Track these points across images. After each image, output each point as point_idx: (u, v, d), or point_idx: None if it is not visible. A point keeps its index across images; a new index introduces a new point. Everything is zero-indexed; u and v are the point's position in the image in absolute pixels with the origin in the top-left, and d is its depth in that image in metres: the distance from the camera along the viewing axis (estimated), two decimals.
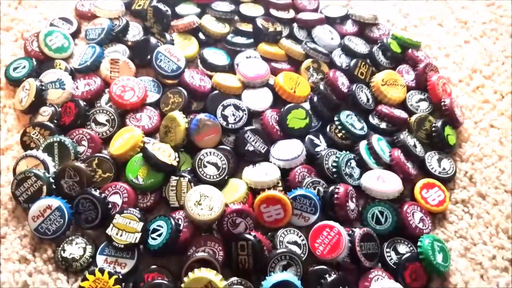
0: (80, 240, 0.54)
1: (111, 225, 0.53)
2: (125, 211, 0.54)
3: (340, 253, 0.54)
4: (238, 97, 0.66)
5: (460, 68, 0.76)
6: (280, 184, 0.60)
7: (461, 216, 0.62)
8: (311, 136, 0.64)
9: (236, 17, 0.75)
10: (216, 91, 0.66)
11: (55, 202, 0.54)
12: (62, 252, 0.53)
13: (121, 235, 0.53)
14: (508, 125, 0.69)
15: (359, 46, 0.73)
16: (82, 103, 0.62)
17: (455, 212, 0.62)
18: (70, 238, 0.54)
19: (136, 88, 0.63)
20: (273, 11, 0.75)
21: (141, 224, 0.53)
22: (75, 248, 0.53)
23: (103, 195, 0.55)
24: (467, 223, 0.61)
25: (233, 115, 0.63)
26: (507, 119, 0.70)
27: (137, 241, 0.53)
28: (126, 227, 0.53)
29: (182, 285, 0.50)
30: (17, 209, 0.56)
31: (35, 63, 0.66)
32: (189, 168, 0.60)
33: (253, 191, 0.59)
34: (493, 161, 0.66)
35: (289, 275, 0.51)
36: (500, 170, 0.65)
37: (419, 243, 0.56)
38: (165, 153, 0.58)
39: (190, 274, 0.50)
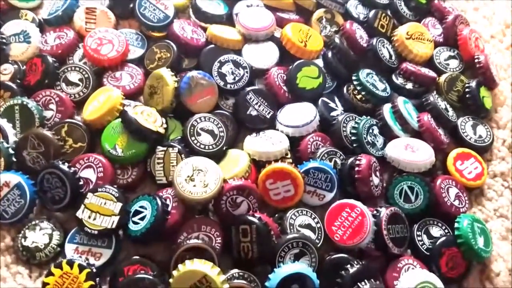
0: (45, 225, 0.50)
1: (82, 206, 0.48)
2: (99, 189, 0.49)
3: (364, 239, 0.48)
4: (238, 52, 0.61)
5: (491, 23, 0.71)
6: (289, 156, 0.54)
7: (500, 191, 0.57)
8: (325, 99, 0.59)
9: None
10: (212, 45, 0.60)
11: (14, 178, 0.50)
12: (23, 240, 0.48)
13: (94, 219, 0.48)
14: None
15: None
16: (50, 59, 0.58)
17: (494, 187, 0.58)
18: (33, 223, 0.49)
19: (115, 41, 0.58)
20: None
21: (120, 205, 0.48)
22: (39, 235, 0.49)
23: (73, 169, 0.50)
24: (508, 199, 0.56)
25: (232, 73, 0.59)
26: None
27: (114, 226, 0.48)
28: (100, 209, 0.48)
29: (171, 280, 0.43)
30: None
31: None
32: (179, 137, 0.55)
33: (257, 164, 0.54)
34: None
35: (302, 266, 0.46)
36: None
37: (456, 225, 0.51)
38: (149, 118, 0.53)
39: (180, 266, 0.44)
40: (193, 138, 0.52)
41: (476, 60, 0.63)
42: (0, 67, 0.58)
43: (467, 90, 0.61)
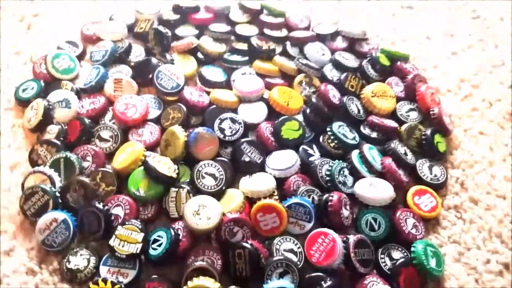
0: (84, 252, 0.55)
1: (114, 236, 0.55)
2: (127, 223, 0.55)
3: (335, 260, 0.55)
4: (235, 111, 0.68)
5: (448, 78, 0.78)
6: (276, 193, 0.61)
7: (454, 221, 0.63)
8: (305, 146, 0.66)
9: (232, 37, 0.78)
10: (214, 106, 0.68)
11: (60, 215, 0.56)
12: (67, 263, 0.54)
13: (123, 246, 0.54)
14: (497, 132, 0.70)
15: (349, 60, 0.76)
16: (87, 120, 0.65)
17: (448, 217, 0.63)
18: (75, 250, 0.55)
19: (138, 105, 0.66)
20: (267, 31, 0.78)
21: (142, 234, 0.54)
22: (80, 259, 0.54)
23: (106, 207, 0.57)
24: (460, 228, 0.62)
25: (230, 127, 0.66)
26: (496, 126, 0.71)
27: (138, 251, 0.54)
28: (128, 238, 0.54)
29: None
30: (24, 223, 0.58)
31: (43, 84, 0.69)
32: (188, 180, 0.61)
33: (250, 201, 0.60)
34: (484, 167, 0.67)
35: (286, 282, 0.52)
36: (492, 176, 0.66)
37: (412, 249, 0.57)
38: (165, 165, 0.60)
39: (189, 282, 0.51)
40: (198, 181, 0.60)
41: (431, 112, 0.69)
42: (47, 128, 0.64)
43: (423, 137, 0.67)
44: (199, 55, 0.75)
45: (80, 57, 0.74)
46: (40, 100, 0.66)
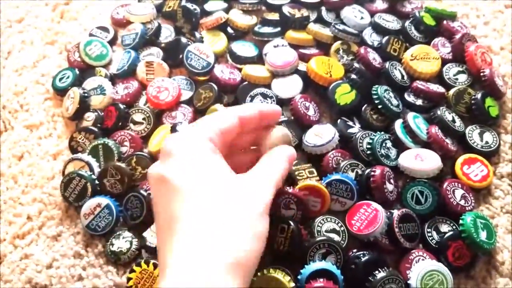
0: (126, 234, 0.57)
1: (149, 229, 0.56)
2: None
3: (377, 227, 0.53)
4: (268, 86, 0.66)
5: (501, 35, 0.72)
6: (314, 172, 0.59)
7: (507, 190, 0.59)
8: (344, 118, 0.64)
9: (264, 8, 0.75)
10: (246, 83, 0.67)
11: (104, 200, 0.58)
12: (111, 246, 0.56)
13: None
14: None
15: (391, 22, 0.71)
16: (121, 106, 0.65)
17: (501, 187, 0.59)
18: (118, 233, 0.57)
19: (170, 88, 0.66)
20: None
21: None
22: (123, 242, 0.56)
23: (149, 193, 0.57)
24: None
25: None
26: None
27: None
28: None
29: None
30: (69, 209, 0.61)
31: (77, 72, 0.70)
32: None
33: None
34: None
35: (328, 264, 0.52)
36: None
37: (460, 221, 0.55)
38: None
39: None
40: None
41: (481, 74, 0.65)
42: (85, 115, 0.65)
43: (473, 101, 0.63)
44: (229, 30, 0.73)
45: (112, 42, 0.74)
46: (76, 89, 0.67)
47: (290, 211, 0.55)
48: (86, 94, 0.67)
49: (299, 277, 0.51)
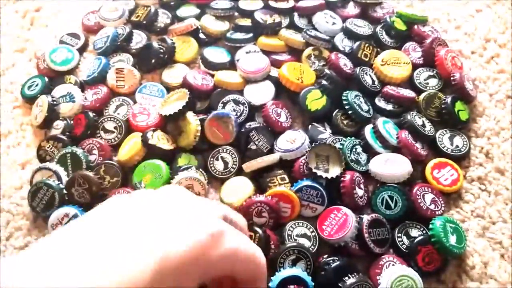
0: None
1: None
2: None
3: (347, 232, 0.53)
4: (241, 92, 0.66)
5: (472, 39, 0.72)
6: (286, 179, 0.59)
7: (477, 194, 0.59)
8: (315, 124, 0.64)
9: (236, 13, 0.75)
10: (219, 89, 0.66)
11: (72, 210, 0.57)
12: None
13: None
14: None
15: (362, 27, 0.71)
16: (91, 114, 0.64)
17: (471, 190, 0.60)
18: None
19: (152, 116, 0.65)
20: (272, 3, 0.75)
21: None
22: None
23: None
24: (485, 201, 0.59)
25: (234, 110, 0.64)
26: None
27: None
28: None
29: None
30: (37, 219, 0.60)
31: (47, 80, 0.69)
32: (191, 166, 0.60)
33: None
34: (511, 133, 0.63)
35: (298, 271, 0.51)
36: None
37: (430, 226, 0.55)
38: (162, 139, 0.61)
39: None
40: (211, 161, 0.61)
41: (452, 78, 0.65)
42: (54, 123, 0.64)
43: (443, 106, 0.63)
44: (202, 35, 0.73)
45: (83, 48, 0.73)
46: (45, 97, 0.66)
47: (262, 218, 0.55)
48: (54, 102, 0.66)
49: (270, 284, 0.51)
